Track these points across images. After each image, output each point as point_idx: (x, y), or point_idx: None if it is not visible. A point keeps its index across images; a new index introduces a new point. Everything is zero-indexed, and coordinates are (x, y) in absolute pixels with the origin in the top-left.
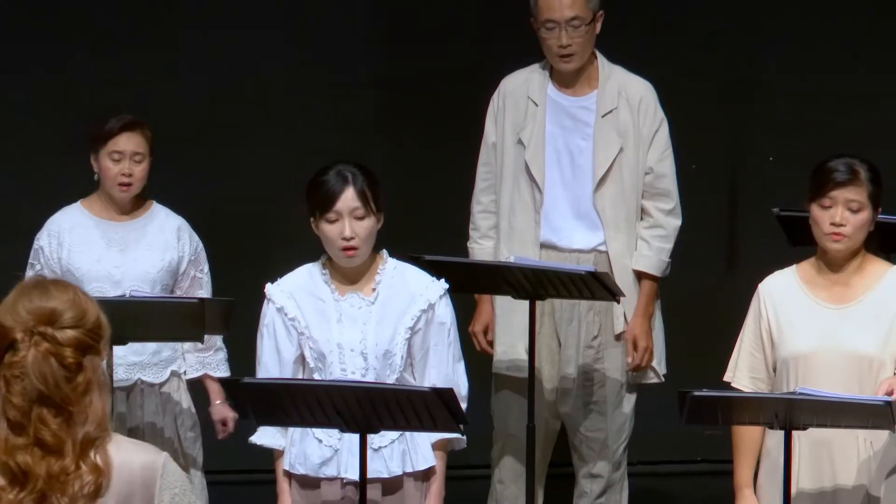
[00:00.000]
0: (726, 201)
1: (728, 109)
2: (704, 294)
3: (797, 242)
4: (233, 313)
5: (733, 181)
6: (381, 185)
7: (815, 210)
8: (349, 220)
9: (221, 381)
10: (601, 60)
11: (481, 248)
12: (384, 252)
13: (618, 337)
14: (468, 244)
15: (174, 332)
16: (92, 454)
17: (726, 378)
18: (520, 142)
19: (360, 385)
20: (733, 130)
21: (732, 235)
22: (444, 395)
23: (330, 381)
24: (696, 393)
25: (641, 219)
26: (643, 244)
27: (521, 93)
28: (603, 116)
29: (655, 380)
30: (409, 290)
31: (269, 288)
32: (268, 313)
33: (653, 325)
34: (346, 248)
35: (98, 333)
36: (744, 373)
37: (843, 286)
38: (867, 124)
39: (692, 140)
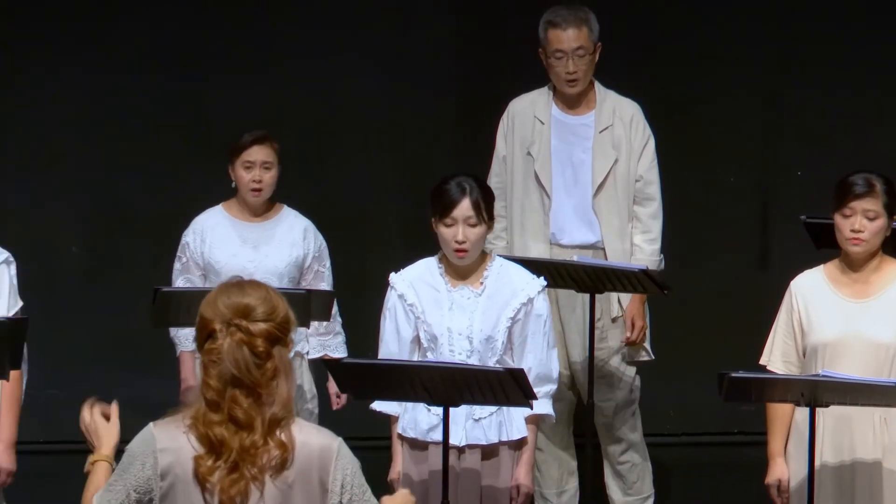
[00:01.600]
0: (759, 210)
1: (761, 129)
2: (741, 290)
3: (822, 245)
4: (333, 304)
5: (765, 193)
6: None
7: (838, 218)
8: (463, 226)
9: (325, 362)
10: (597, 85)
11: (494, 248)
12: (493, 252)
13: (614, 320)
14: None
15: None
16: (278, 432)
17: (762, 361)
18: (529, 154)
19: (442, 364)
20: (766, 149)
21: (765, 240)
22: (516, 375)
23: (416, 361)
24: (734, 374)
25: (633, 224)
26: (637, 249)
27: (528, 113)
28: (600, 132)
29: (646, 357)
30: (512, 286)
31: (393, 277)
32: (390, 298)
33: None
34: (458, 250)
35: (286, 327)
36: (777, 357)
37: (863, 283)
38: (888, 141)
39: (729, 156)
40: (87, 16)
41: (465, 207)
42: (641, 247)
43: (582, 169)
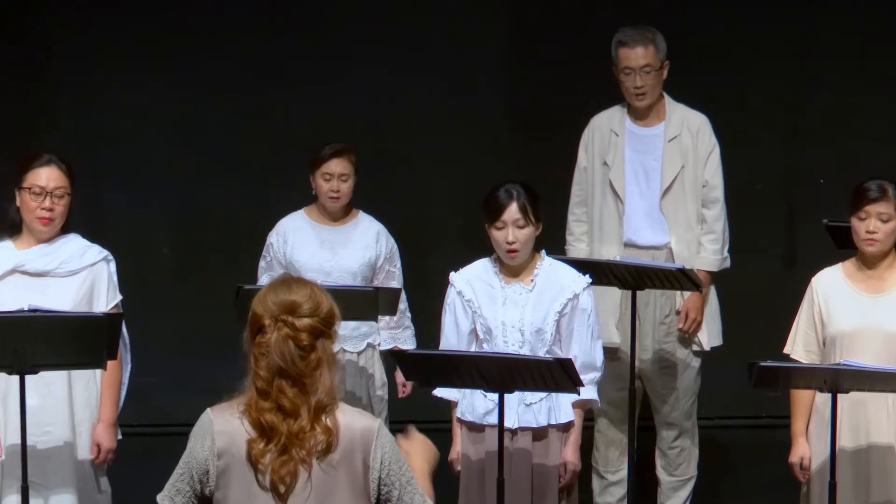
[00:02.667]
0: (785, 214)
1: (786, 141)
2: (768, 287)
3: (842, 246)
4: (399, 300)
5: (790, 199)
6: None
7: (854, 221)
8: (512, 228)
9: (392, 352)
10: (667, 98)
11: (576, 249)
12: (543, 251)
13: (678, 313)
14: (566, 246)
15: (354, 313)
16: (323, 418)
17: (786, 350)
18: (605, 164)
19: (497, 355)
20: (790, 158)
21: (790, 241)
22: (565, 364)
23: (474, 351)
24: (763, 363)
25: (700, 225)
26: (702, 249)
27: (605, 127)
28: (669, 141)
29: (697, 348)
30: (560, 283)
31: (453, 276)
32: (450, 295)
33: (708, 301)
34: (509, 251)
35: (329, 321)
36: (800, 347)
37: (877, 280)
38: None
39: (757, 165)
40: (174, 35)
41: (513, 211)
42: (706, 247)
43: (652, 176)
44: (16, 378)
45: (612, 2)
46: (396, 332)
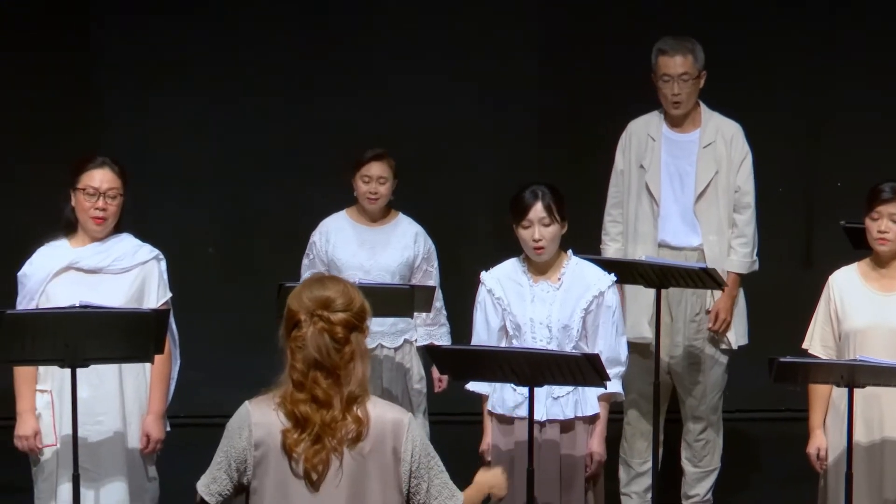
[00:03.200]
0: (804, 216)
1: (806, 147)
2: (788, 285)
3: (858, 246)
4: (433, 297)
5: (810, 202)
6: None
7: (867, 221)
8: (538, 226)
9: (427, 348)
10: (703, 107)
11: (611, 249)
12: (570, 251)
13: (708, 312)
14: (601, 245)
15: (390, 310)
16: (355, 408)
17: (804, 346)
18: (641, 167)
19: (527, 350)
20: (809, 162)
21: (809, 242)
22: (592, 360)
23: (504, 347)
24: (782, 359)
25: (731, 228)
26: (732, 251)
27: (642, 132)
28: (704, 148)
29: (724, 346)
30: (586, 281)
31: (484, 275)
32: (481, 293)
33: (737, 302)
34: (536, 248)
35: (361, 316)
36: (817, 342)
37: (890, 279)
38: None
39: (779, 169)
40: (220, 45)
41: (538, 210)
42: (736, 250)
43: (687, 180)
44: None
45: (643, 11)
46: (432, 329)
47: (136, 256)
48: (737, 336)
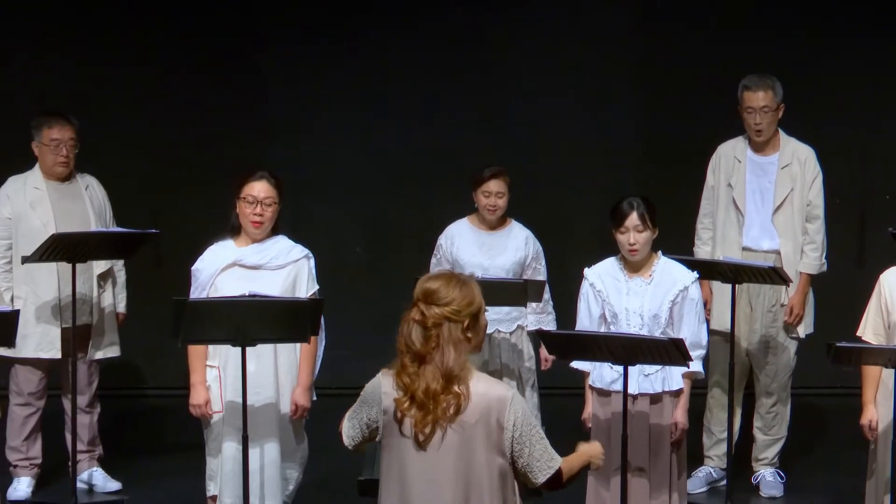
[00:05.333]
0: (857, 224)
1: (859, 165)
2: (844, 283)
3: None
4: (543, 290)
5: (862, 211)
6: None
7: None
8: (633, 232)
9: (538, 332)
10: (782, 133)
11: (702, 251)
12: (659, 252)
13: (782, 305)
14: (694, 248)
15: (507, 300)
16: (455, 385)
17: (858, 333)
18: (729, 185)
19: (622, 335)
20: (863, 177)
21: (862, 246)
22: (677, 343)
23: (603, 332)
24: (839, 344)
25: (803, 236)
26: (804, 255)
27: (730, 154)
28: (782, 168)
29: (794, 335)
30: (673, 277)
31: (587, 271)
32: (584, 286)
33: (807, 299)
34: (630, 250)
35: (459, 312)
36: (869, 330)
37: None
38: None
39: (836, 184)
40: (369, 73)
41: (633, 218)
42: (808, 254)
43: (767, 196)
44: (230, 348)
45: (728, 44)
46: (541, 317)
47: (289, 255)
48: (805, 326)
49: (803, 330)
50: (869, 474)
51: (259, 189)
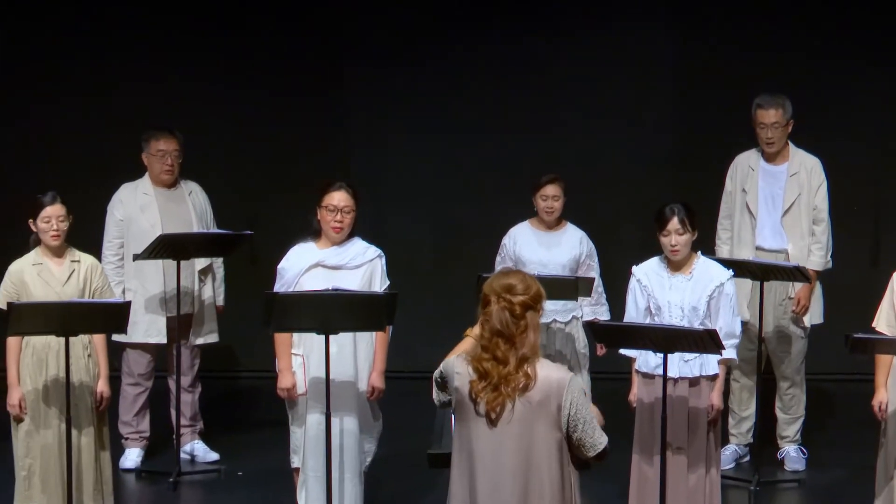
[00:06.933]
0: (872, 227)
1: (875, 173)
2: (861, 279)
3: None
4: (593, 286)
5: (877, 216)
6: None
7: None
8: (674, 235)
9: (589, 324)
10: (791, 145)
11: (722, 250)
12: (699, 252)
13: (791, 298)
14: (715, 247)
15: (560, 294)
16: (525, 367)
17: (873, 325)
18: (743, 191)
19: (664, 326)
20: (879, 187)
21: (877, 246)
22: (712, 333)
23: (647, 323)
24: (856, 335)
25: (810, 237)
26: (811, 254)
27: (745, 164)
28: (790, 176)
29: (803, 325)
30: (710, 274)
31: (634, 268)
32: (632, 282)
33: (813, 292)
34: (672, 251)
35: (536, 299)
36: (883, 322)
37: None
38: None
39: (854, 192)
40: (437, 93)
41: (675, 223)
42: (814, 253)
43: (777, 201)
44: (314, 338)
45: (753, 65)
46: (596, 308)
47: (365, 255)
48: (811, 317)
49: (809, 320)
50: (879, 450)
51: (339, 198)
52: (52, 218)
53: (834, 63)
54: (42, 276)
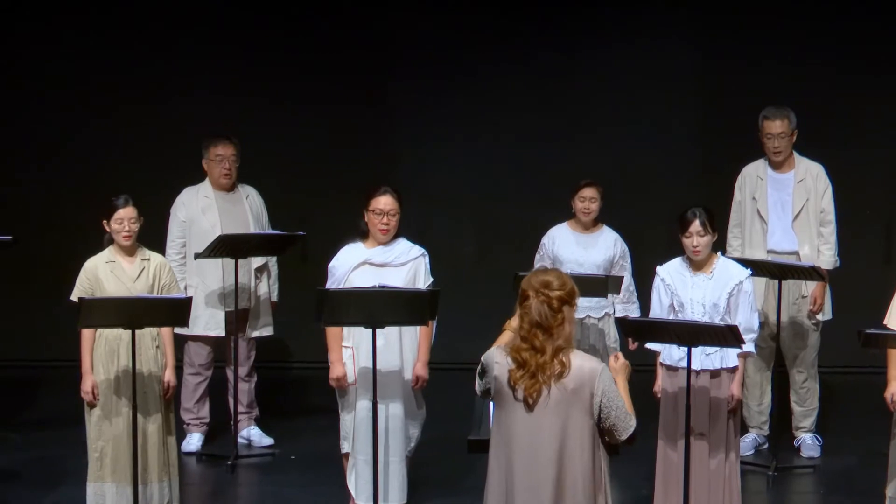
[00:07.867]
0: (884, 230)
1: (886, 180)
2: (873, 278)
3: None
4: (622, 284)
5: (890, 219)
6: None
7: None
8: (696, 237)
9: (617, 319)
10: (795, 154)
11: (734, 250)
12: (719, 252)
13: (804, 297)
14: (727, 251)
15: (592, 291)
16: (560, 356)
17: (885, 322)
18: (753, 199)
19: (687, 321)
20: (890, 191)
21: (889, 247)
22: (732, 329)
23: (671, 319)
24: (868, 331)
25: (819, 240)
26: (821, 254)
27: (753, 173)
28: (797, 183)
29: (814, 321)
30: (730, 273)
31: (658, 268)
32: (656, 281)
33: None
34: (694, 252)
35: (571, 294)
36: (894, 319)
37: None
38: None
39: (866, 196)
40: (477, 106)
41: (696, 225)
42: (823, 253)
43: (786, 207)
44: (363, 331)
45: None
46: (627, 305)
47: (409, 254)
48: (823, 313)
49: (822, 316)
50: (892, 438)
51: (385, 202)
52: (124, 219)
53: (847, 76)
54: (115, 272)
